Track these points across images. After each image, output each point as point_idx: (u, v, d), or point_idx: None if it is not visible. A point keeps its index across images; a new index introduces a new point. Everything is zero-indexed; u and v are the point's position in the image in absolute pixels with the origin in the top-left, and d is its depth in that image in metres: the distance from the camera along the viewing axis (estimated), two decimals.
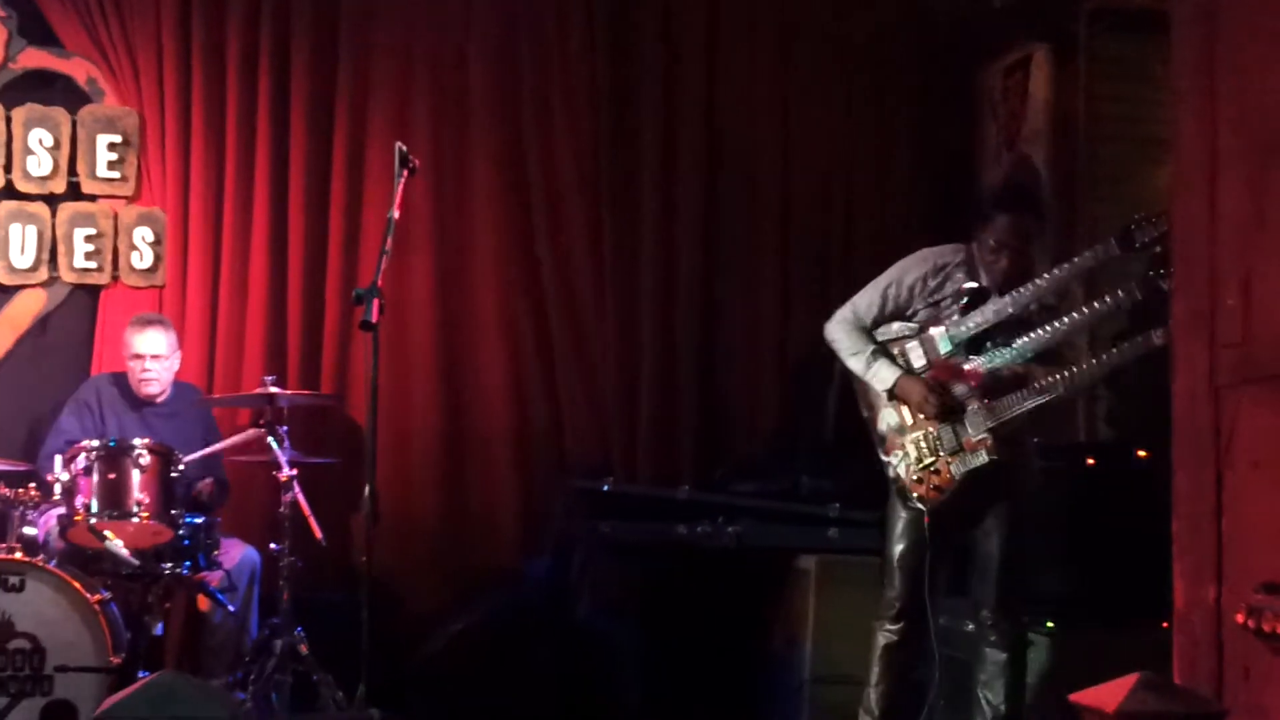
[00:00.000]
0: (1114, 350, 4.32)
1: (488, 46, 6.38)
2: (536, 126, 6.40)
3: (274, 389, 5.41)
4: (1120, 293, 4.30)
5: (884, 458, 4.60)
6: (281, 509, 5.31)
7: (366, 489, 4.61)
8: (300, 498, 5.31)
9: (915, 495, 4.49)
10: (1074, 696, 3.35)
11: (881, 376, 4.56)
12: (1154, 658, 4.68)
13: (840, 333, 4.68)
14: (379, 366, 4.62)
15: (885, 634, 4.61)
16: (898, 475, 4.54)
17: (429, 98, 6.33)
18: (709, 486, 5.94)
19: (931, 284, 4.58)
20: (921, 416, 4.49)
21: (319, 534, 5.30)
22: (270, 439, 5.32)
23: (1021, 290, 4.43)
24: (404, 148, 4.76)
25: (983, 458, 4.41)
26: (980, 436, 4.41)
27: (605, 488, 5.84)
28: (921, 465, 4.48)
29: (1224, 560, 3.42)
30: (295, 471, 5.32)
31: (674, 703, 5.47)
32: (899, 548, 4.56)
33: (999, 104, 6.51)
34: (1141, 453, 5.10)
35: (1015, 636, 4.58)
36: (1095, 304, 4.36)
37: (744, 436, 6.45)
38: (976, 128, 6.65)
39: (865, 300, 4.67)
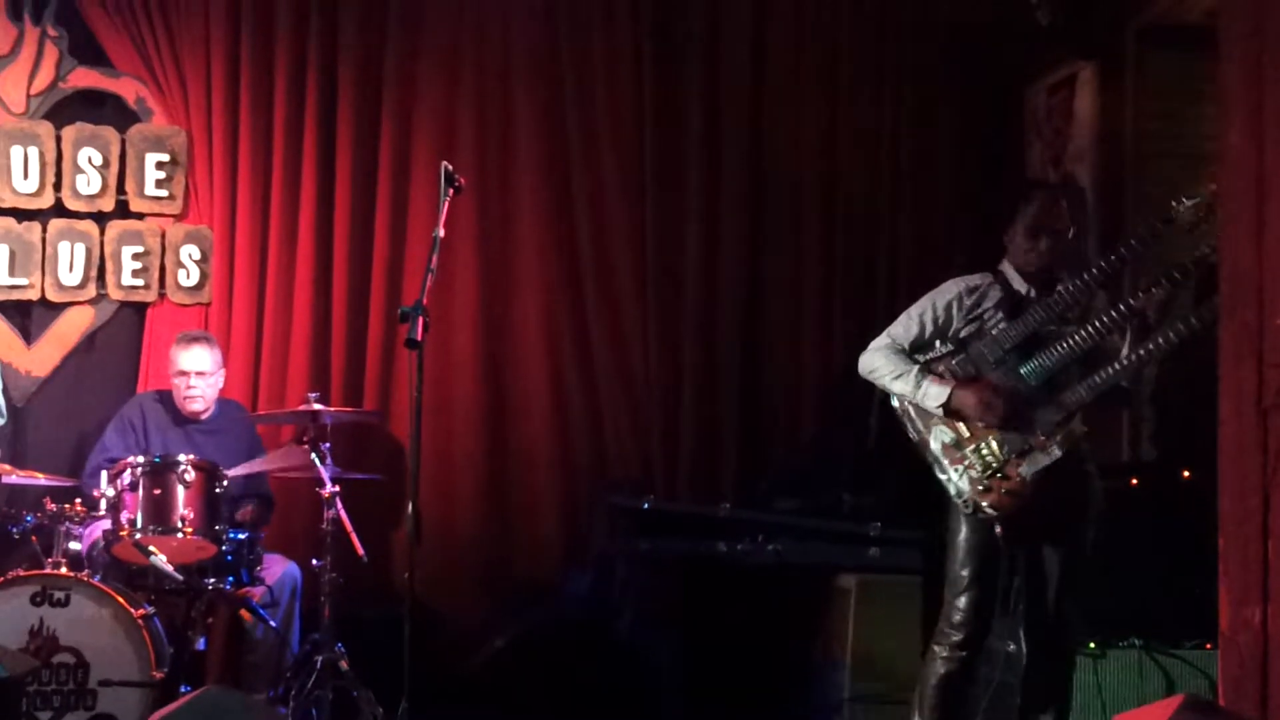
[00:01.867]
0: (1179, 324, 4.17)
1: (532, 60, 6.40)
2: (581, 143, 6.41)
3: (318, 406, 5.44)
4: (1175, 273, 4.26)
5: (941, 477, 4.43)
6: (324, 525, 5.32)
7: (409, 505, 4.58)
8: (342, 514, 5.32)
9: (986, 504, 4.31)
10: (1118, 718, 3.32)
11: (933, 394, 4.41)
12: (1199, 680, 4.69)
13: (880, 359, 4.54)
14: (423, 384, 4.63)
15: (946, 662, 4.44)
16: (960, 490, 4.36)
17: (474, 112, 6.35)
18: (749, 504, 5.91)
19: (968, 302, 4.51)
20: (981, 425, 4.36)
21: (361, 550, 5.31)
22: (313, 455, 5.34)
23: (1069, 287, 4.38)
24: (449, 167, 4.71)
25: (1055, 453, 4.28)
26: (1050, 433, 4.30)
27: (645, 505, 5.83)
28: (988, 474, 4.33)
29: (1270, 582, 3.37)
30: (338, 488, 5.33)
31: None
32: (966, 571, 4.40)
33: (1044, 122, 6.47)
34: (1186, 473, 5.05)
35: (1068, 659, 4.52)
36: (1152, 289, 4.28)
37: (785, 453, 6.42)
38: (1022, 146, 6.61)
39: (901, 328, 4.57)
